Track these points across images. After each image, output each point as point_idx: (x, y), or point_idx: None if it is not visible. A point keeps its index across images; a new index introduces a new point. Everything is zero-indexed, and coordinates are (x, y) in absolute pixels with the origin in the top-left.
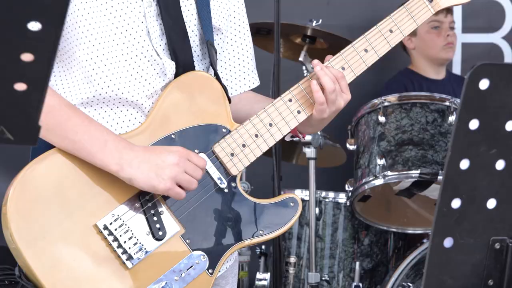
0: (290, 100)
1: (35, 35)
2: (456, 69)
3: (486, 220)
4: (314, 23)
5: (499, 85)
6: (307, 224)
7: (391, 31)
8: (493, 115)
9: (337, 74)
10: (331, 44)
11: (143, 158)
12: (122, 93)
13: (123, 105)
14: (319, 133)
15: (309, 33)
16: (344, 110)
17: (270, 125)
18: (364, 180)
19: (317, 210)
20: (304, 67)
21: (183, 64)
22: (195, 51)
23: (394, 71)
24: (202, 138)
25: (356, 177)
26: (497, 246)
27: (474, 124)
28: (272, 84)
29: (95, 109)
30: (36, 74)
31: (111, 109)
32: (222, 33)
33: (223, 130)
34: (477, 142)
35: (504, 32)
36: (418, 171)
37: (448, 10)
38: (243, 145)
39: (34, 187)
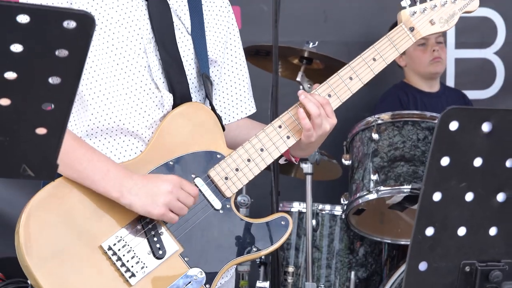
0: (280, 127)
1: (55, 87)
2: (450, 84)
3: (457, 246)
4: (310, 45)
5: (467, 127)
6: (304, 235)
7: (374, 59)
8: (462, 153)
9: (321, 100)
10: (326, 64)
11: (141, 185)
12: (124, 124)
13: (125, 135)
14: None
15: (306, 54)
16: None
17: (262, 150)
18: (358, 195)
19: (314, 222)
20: (301, 87)
21: (180, 96)
22: (192, 82)
23: (390, 84)
24: (198, 164)
25: (351, 191)
26: (467, 269)
27: (445, 161)
28: (271, 104)
29: (99, 140)
30: (55, 120)
31: (114, 139)
32: (219, 64)
33: (218, 156)
34: (448, 177)
35: (496, 47)
36: (410, 186)
37: None
38: (236, 169)
39: (44, 212)
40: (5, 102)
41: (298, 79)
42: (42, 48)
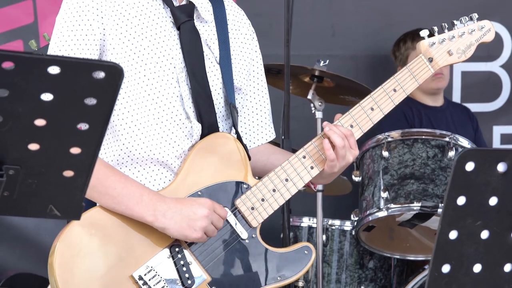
0: (304, 157)
1: (83, 133)
2: (456, 96)
3: (472, 282)
4: (321, 63)
5: (483, 167)
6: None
7: (395, 90)
8: (478, 192)
9: (346, 132)
10: (337, 83)
11: (175, 209)
12: (154, 154)
13: (154, 165)
14: None
15: (316, 73)
16: None
17: (286, 180)
18: (368, 212)
19: (324, 237)
20: (312, 105)
21: (208, 125)
22: (220, 111)
23: None
24: (225, 194)
25: (361, 208)
26: None
27: (461, 200)
28: (282, 123)
29: (129, 169)
30: (82, 163)
31: (144, 168)
32: (243, 92)
33: (244, 186)
34: (464, 216)
35: (503, 60)
36: (420, 204)
37: None
38: (262, 199)
39: (77, 242)
40: (35, 147)
41: (309, 97)
42: (72, 97)
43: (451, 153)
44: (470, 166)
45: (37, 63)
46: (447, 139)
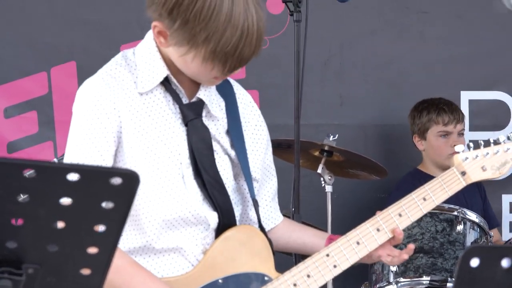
0: (327, 255)
1: (100, 234)
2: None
3: None
4: (331, 138)
5: (488, 263)
6: None
7: (424, 199)
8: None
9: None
10: (346, 157)
11: None
12: (173, 245)
13: (169, 254)
14: None
15: (326, 148)
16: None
17: (308, 276)
18: (378, 285)
19: None
20: (321, 179)
21: (224, 213)
22: (232, 199)
23: (406, 166)
24: (246, 284)
25: (371, 281)
26: None
27: None
28: (293, 198)
29: (144, 258)
30: (99, 262)
31: (158, 257)
32: (257, 182)
33: (265, 278)
34: None
35: (510, 129)
36: (429, 278)
37: (459, 120)
38: None
39: None
40: (53, 248)
41: (319, 171)
42: (90, 201)
43: (460, 227)
44: (475, 262)
45: (57, 171)
46: (455, 213)
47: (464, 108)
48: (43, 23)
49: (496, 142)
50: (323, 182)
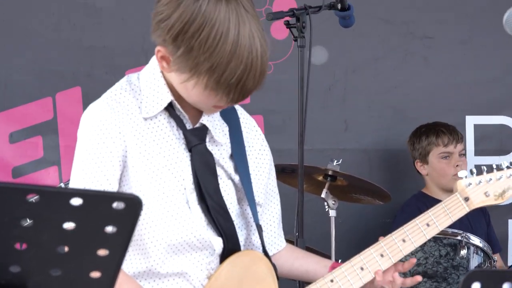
0: (331, 281)
1: (102, 258)
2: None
3: None
4: (335, 163)
5: (489, 287)
6: None
7: (428, 225)
8: None
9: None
10: (350, 182)
11: None
12: (177, 270)
13: (174, 279)
14: None
15: (330, 173)
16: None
17: None
18: None
19: None
20: (325, 203)
21: (228, 239)
22: (236, 224)
23: (410, 190)
24: None
25: None
26: None
27: None
28: (296, 222)
29: (148, 282)
30: (102, 286)
31: (163, 281)
32: (260, 206)
33: None
34: None
35: None
36: None
37: (458, 140)
38: None
39: None
40: (56, 272)
41: (323, 195)
42: (93, 225)
43: (463, 252)
44: (476, 286)
45: (60, 195)
46: (459, 237)
47: (469, 133)
48: (48, 48)
49: (499, 168)
50: (327, 207)
